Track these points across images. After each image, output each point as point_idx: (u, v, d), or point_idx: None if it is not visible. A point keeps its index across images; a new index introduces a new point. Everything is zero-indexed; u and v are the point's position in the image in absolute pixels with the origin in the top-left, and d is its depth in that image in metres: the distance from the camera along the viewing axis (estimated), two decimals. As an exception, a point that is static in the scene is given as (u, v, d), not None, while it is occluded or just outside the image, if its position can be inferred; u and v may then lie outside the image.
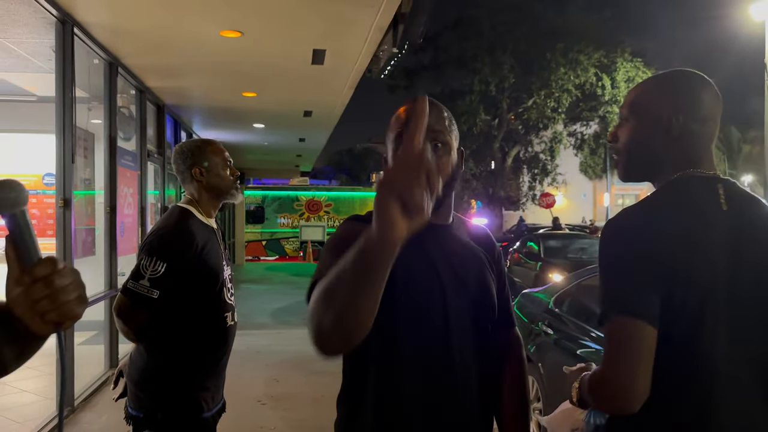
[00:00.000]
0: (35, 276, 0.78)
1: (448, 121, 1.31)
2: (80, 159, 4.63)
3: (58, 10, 4.09)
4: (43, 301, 0.79)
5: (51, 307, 0.79)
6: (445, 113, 1.31)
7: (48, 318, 0.80)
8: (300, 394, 4.91)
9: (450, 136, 1.30)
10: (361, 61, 5.62)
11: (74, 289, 0.81)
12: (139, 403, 2.01)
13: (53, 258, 0.80)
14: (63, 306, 0.80)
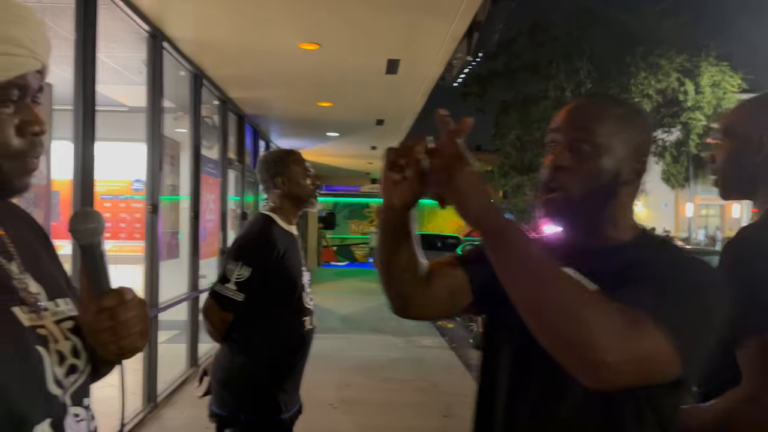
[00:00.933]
0: (101, 306, 0.80)
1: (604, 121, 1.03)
2: (167, 166, 4.88)
3: (149, 26, 4.34)
4: (106, 332, 0.80)
5: (111, 339, 0.80)
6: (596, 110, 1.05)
7: (109, 349, 0.81)
8: (371, 399, 4.96)
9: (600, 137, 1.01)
10: (434, 69, 5.65)
11: (136, 323, 0.82)
12: (223, 402, 2.10)
13: (121, 290, 0.81)
14: (123, 339, 0.81)
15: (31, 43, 0.75)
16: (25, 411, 0.72)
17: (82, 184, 3.34)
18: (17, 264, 0.81)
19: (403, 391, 5.25)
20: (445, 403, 4.96)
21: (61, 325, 0.83)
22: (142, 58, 4.60)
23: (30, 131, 0.76)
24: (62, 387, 0.79)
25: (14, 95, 0.74)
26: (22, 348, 0.74)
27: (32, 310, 0.78)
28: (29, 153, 0.77)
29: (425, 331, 8.09)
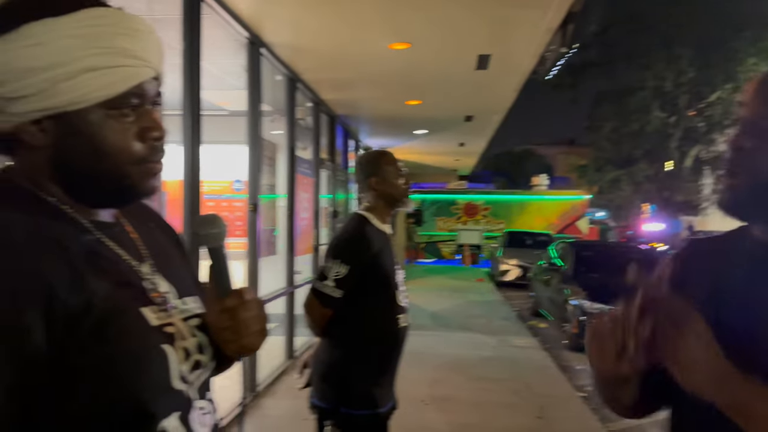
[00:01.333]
0: (223, 306, 0.84)
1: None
2: (265, 167, 5.10)
3: (249, 33, 4.55)
4: (227, 330, 0.84)
5: (232, 338, 0.85)
6: None
7: (230, 347, 0.86)
8: (462, 397, 4.95)
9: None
10: (527, 63, 5.54)
11: (255, 323, 0.86)
12: (323, 395, 2.17)
13: (242, 291, 0.86)
14: (244, 338, 0.85)
15: (144, 53, 0.78)
16: (152, 406, 0.76)
17: (191, 185, 3.56)
18: (149, 265, 0.85)
19: (495, 390, 5.20)
20: (538, 404, 4.87)
21: (189, 322, 0.86)
22: (242, 64, 4.83)
23: (150, 137, 0.80)
24: (187, 382, 0.82)
25: (133, 103, 0.78)
26: (149, 347, 0.78)
27: (161, 309, 0.82)
28: (151, 157, 0.81)
29: (517, 331, 7.97)
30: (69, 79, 0.73)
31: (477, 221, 19.24)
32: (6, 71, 0.72)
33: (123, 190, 0.81)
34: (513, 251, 13.66)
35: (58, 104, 0.73)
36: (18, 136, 0.75)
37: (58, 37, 0.72)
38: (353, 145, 10.19)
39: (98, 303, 0.72)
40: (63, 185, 0.78)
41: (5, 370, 0.65)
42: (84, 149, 0.76)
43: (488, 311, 9.48)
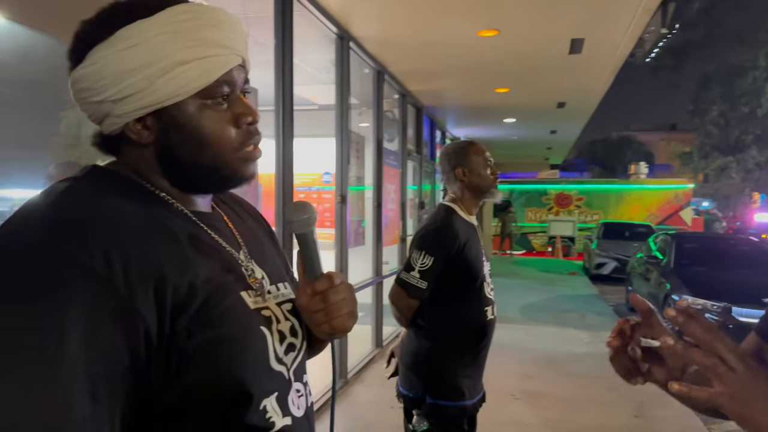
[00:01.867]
0: (315, 290, 0.88)
1: None
2: (353, 159, 5.18)
3: (337, 28, 4.63)
4: (319, 313, 0.88)
5: (324, 320, 0.88)
6: None
7: (321, 329, 0.89)
8: (554, 393, 4.83)
9: None
10: (623, 46, 5.27)
11: (346, 305, 0.89)
12: (410, 384, 2.19)
13: (331, 274, 0.89)
14: (334, 320, 0.88)
15: (229, 41, 0.81)
16: (254, 386, 0.79)
17: (284, 178, 3.68)
18: (244, 252, 0.89)
19: (589, 387, 5.03)
20: (635, 402, 4.66)
21: (282, 306, 0.90)
22: (331, 59, 4.93)
23: (244, 122, 0.83)
24: (283, 364, 0.86)
25: (225, 92, 0.81)
26: (250, 329, 0.81)
27: (258, 293, 0.86)
28: (247, 142, 0.84)
29: (612, 327, 7.62)
30: (164, 74, 0.77)
31: (570, 212, 18.59)
32: (108, 75, 0.76)
33: (226, 176, 0.84)
34: (609, 243, 13.11)
35: (157, 100, 0.78)
36: (125, 136, 0.81)
37: (150, 36, 0.76)
38: (440, 135, 10.13)
39: (202, 287, 0.76)
40: (169, 177, 0.83)
41: (123, 352, 0.69)
42: (186, 140, 0.80)
43: (581, 306, 9.16)
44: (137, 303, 0.69)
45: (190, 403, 0.74)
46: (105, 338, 0.67)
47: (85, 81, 0.78)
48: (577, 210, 18.55)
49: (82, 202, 0.74)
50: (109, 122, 0.80)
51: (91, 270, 0.67)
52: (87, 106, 0.80)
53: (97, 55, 0.76)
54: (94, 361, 0.66)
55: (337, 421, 3.20)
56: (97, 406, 0.66)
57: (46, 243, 0.67)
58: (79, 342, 0.65)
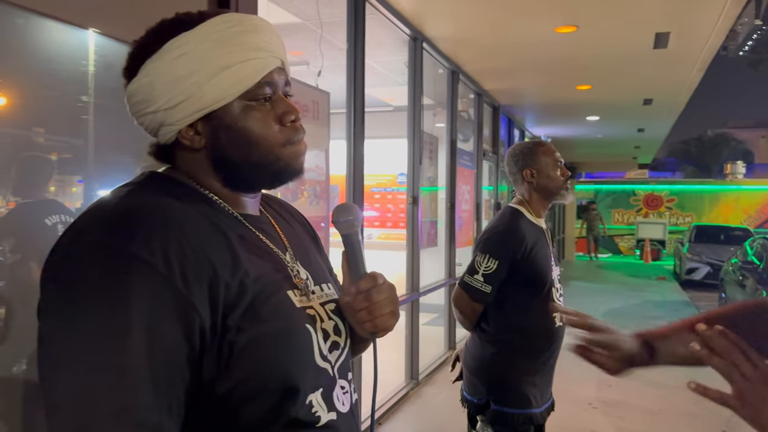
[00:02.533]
0: (359, 289, 0.91)
1: None
2: (426, 160, 5.18)
3: (410, 30, 4.64)
4: (363, 311, 0.91)
5: (367, 318, 0.91)
6: None
7: (364, 327, 0.92)
8: (635, 403, 4.62)
9: None
10: (713, 39, 4.96)
11: (388, 304, 0.91)
12: (474, 389, 2.16)
13: (375, 274, 0.92)
14: (377, 318, 0.91)
15: (268, 45, 0.86)
16: (300, 381, 0.82)
17: (354, 179, 3.73)
18: (290, 254, 0.94)
19: (674, 398, 4.77)
20: (724, 416, 4.37)
21: (325, 306, 0.94)
22: (404, 60, 4.95)
23: (287, 119, 0.88)
24: (327, 361, 0.89)
25: (267, 93, 0.86)
26: (296, 326, 0.85)
27: (303, 293, 0.90)
28: (293, 138, 0.89)
29: (702, 334, 7.21)
30: (211, 78, 0.82)
31: (660, 214, 17.70)
32: (160, 85, 0.83)
33: (278, 171, 0.89)
34: (701, 247, 12.38)
35: (206, 104, 0.83)
36: (179, 142, 0.86)
37: (195, 45, 0.82)
38: (518, 134, 9.93)
39: (251, 285, 0.80)
40: (222, 177, 0.88)
41: (182, 344, 0.73)
42: (235, 140, 0.85)
43: (670, 313, 8.70)
44: (193, 298, 0.73)
45: (240, 395, 0.77)
46: (167, 330, 0.71)
47: (139, 94, 0.84)
48: (668, 212, 17.65)
49: (141, 203, 0.78)
50: (164, 131, 0.86)
51: (152, 266, 0.71)
52: (143, 119, 0.87)
53: (149, 67, 0.83)
54: (157, 351, 0.70)
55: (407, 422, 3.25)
56: (158, 394, 0.70)
57: (109, 241, 0.72)
58: (143, 333, 0.69)
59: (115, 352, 0.68)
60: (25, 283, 1.86)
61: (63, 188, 2.20)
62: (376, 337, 0.94)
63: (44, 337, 0.72)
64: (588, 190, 18.38)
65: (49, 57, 1.84)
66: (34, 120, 1.91)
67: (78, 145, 2.13)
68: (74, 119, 2.04)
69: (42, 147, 2.01)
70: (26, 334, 1.84)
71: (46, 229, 1.97)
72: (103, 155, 2.15)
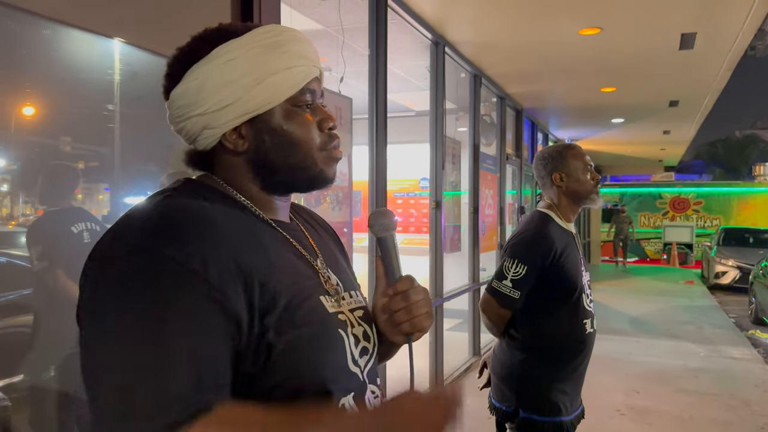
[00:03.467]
0: (396, 290, 0.93)
1: None
2: (449, 165, 5.15)
3: (432, 34, 4.63)
4: (400, 312, 0.92)
5: (405, 318, 0.92)
6: None
7: (402, 328, 0.93)
8: (663, 410, 4.52)
9: None
10: (741, 39, 4.86)
11: (425, 305, 0.94)
12: (502, 396, 2.13)
13: (411, 276, 0.94)
14: (415, 318, 0.92)
15: (309, 54, 0.90)
16: (334, 384, 0.83)
17: (377, 184, 3.72)
18: (321, 261, 0.95)
19: (704, 405, 4.66)
20: (758, 425, 4.26)
21: (354, 313, 0.94)
22: (426, 65, 4.93)
23: (326, 126, 0.91)
24: (358, 366, 0.90)
25: (308, 100, 0.90)
26: (330, 330, 0.86)
27: (334, 299, 0.91)
28: (329, 144, 0.92)
29: (733, 341, 7.05)
30: (259, 83, 0.85)
31: (687, 217, 17.39)
32: (209, 87, 0.85)
33: (313, 177, 0.91)
34: (730, 250, 12.13)
35: (253, 107, 0.86)
36: (223, 145, 0.88)
37: (244, 51, 0.85)
38: (542, 138, 9.84)
39: (285, 289, 0.81)
40: (260, 180, 0.90)
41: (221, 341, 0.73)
42: (279, 143, 0.88)
43: (698, 317, 8.52)
44: (230, 295, 0.74)
45: (281, 394, 0.78)
46: (204, 320, 0.72)
47: (185, 97, 0.86)
48: (695, 215, 17.36)
49: (178, 208, 0.80)
50: (206, 135, 0.88)
51: (189, 268, 0.72)
52: (185, 122, 0.88)
53: (198, 71, 0.85)
54: (198, 345, 0.71)
55: (430, 429, 3.13)
56: (201, 390, 0.70)
57: (146, 244, 0.74)
58: (182, 322, 0.71)
59: (157, 341, 0.69)
60: (52, 290, 1.88)
61: (90, 196, 2.22)
62: (412, 340, 0.94)
63: (87, 338, 0.73)
64: (613, 194, 18.14)
65: (76, 66, 1.86)
66: (61, 129, 1.94)
67: (104, 153, 2.16)
68: (101, 128, 2.06)
69: (69, 156, 2.03)
70: (53, 342, 1.85)
71: (72, 237, 2.00)
72: (128, 163, 2.17)
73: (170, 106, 0.88)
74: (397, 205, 7.19)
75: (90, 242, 1.95)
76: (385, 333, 0.96)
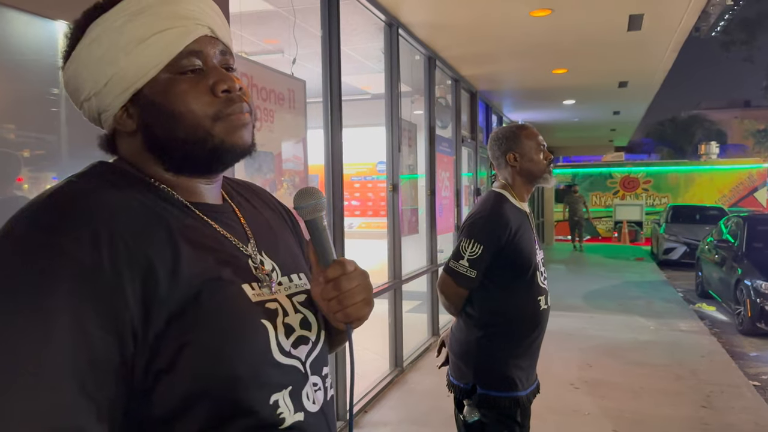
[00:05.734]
0: (326, 277, 0.85)
1: None
2: (405, 148, 5.16)
3: (386, 15, 4.60)
4: (332, 301, 0.85)
5: (338, 308, 0.85)
6: None
7: (336, 317, 0.86)
8: (616, 383, 4.68)
9: None
10: (686, 20, 5.00)
11: (360, 292, 0.85)
12: (460, 374, 2.16)
13: (342, 261, 0.86)
14: (348, 308, 0.85)
15: (191, 13, 0.81)
16: (253, 382, 0.77)
17: (333, 168, 3.70)
18: (252, 245, 0.88)
19: (654, 376, 4.85)
20: (704, 393, 4.46)
21: (293, 298, 0.88)
22: (380, 47, 4.90)
23: (219, 89, 0.80)
24: (293, 357, 0.83)
25: (196, 64, 0.80)
26: (248, 322, 0.79)
27: (265, 285, 0.84)
28: (227, 110, 0.81)
29: (681, 314, 7.34)
30: (127, 54, 0.78)
31: (637, 195, 17.93)
32: (83, 70, 0.80)
33: (214, 149, 0.81)
34: (678, 227, 12.59)
35: (130, 81, 0.79)
36: (117, 129, 0.83)
37: (110, 24, 0.78)
38: (496, 120, 9.95)
39: (193, 279, 0.75)
40: (161, 161, 0.82)
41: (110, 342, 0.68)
42: (159, 116, 0.80)
43: (648, 292, 8.84)
44: (124, 292, 0.69)
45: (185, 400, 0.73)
46: (92, 328, 0.66)
47: (70, 84, 0.82)
48: (645, 193, 17.89)
49: (73, 194, 0.74)
50: (104, 118, 0.83)
51: (78, 259, 0.67)
52: (82, 110, 0.84)
53: (73, 56, 0.80)
54: (81, 350, 0.65)
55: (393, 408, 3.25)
56: (82, 396, 0.65)
57: (34, 235, 0.68)
58: (65, 332, 0.65)
59: (32, 352, 0.63)
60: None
61: (36, 185, 2.14)
62: (351, 328, 0.87)
63: None
64: (565, 174, 18.52)
65: (15, 49, 1.77)
66: (2, 116, 1.85)
67: (51, 140, 2.07)
68: (45, 113, 1.97)
69: (13, 143, 1.95)
70: None
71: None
72: (78, 150, 2.08)
73: (66, 93, 0.84)
74: (354, 188, 7.18)
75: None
76: (329, 320, 0.89)
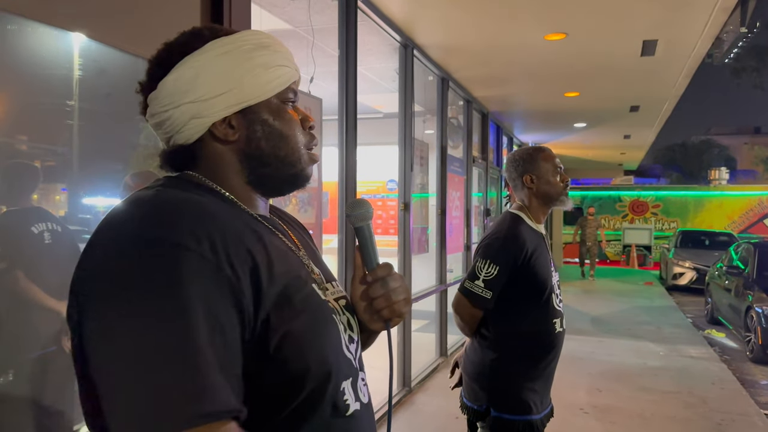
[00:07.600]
0: (375, 277, 0.96)
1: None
2: (417, 167, 5.17)
3: (401, 36, 4.64)
4: (380, 299, 0.95)
5: (385, 305, 0.95)
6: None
7: (381, 314, 0.96)
8: (625, 408, 4.62)
9: None
10: (699, 47, 5.02)
11: (402, 291, 0.97)
12: (474, 395, 2.14)
13: (389, 264, 0.97)
14: (394, 305, 0.95)
15: (291, 60, 0.95)
16: (335, 367, 0.85)
17: (346, 185, 3.71)
18: (303, 253, 0.97)
19: (664, 403, 4.79)
20: (715, 421, 4.40)
21: (339, 302, 0.96)
22: (395, 67, 4.94)
23: (307, 125, 0.95)
24: (350, 352, 0.92)
25: (293, 98, 0.93)
26: (326, 315, 0.88)
27: (321, 288, 0.92)
28: (310, 144, 0.95)
29: (691, 340, 7.26)
30: (252, 75, 0.88)
31: (646, 219, 17.85)
32: (203, 75, 0.86)
33: (297, 173, 0.93)
34: (687, 252, 12.50)
35: (246, 98, 0.88)
36: (211, 136, 0.88)
37: (237, 46, 0.89)
38: (506, 141, 9.97)
39: (283, 276, 0.82)
40: (248, 173, 0.90)
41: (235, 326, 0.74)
42: (270, 134, 0.90)
43: (657, 317, 8.76)
44: (241, 283, 0.75)
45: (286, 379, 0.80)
46: (221, 313, 0.72)
47: (177, 85, 0.86)
48: (654, 217, 17.81)
49: (175, 198, 0.79)
50: (193, 124, 0.87)
51: (200, 254, 0.72)
52: (172, 112, 0.87)
53: (192, 60, 0.87)
54: (216, 334, 0.71)
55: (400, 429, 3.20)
56: (224, 376, 0.70)
57: (152, 234, 0.72)
58: (201, 318, 0.69)
59: (179, 339, 0.68)
60: (11, 292, 1.81)
61: (46, 196, 2.15)
62: (390, 326, 0.96)
63: (94, 338, 0.70)
64: (574, 197, 18.48)
65: (33, 61, 1.80)
66: (16, 127, 1.87)
67: (62, 152, 2.09)
68: (59, 125, 2.00)
69: (25, 155, 1.96)
70: (11, 344, 1.79)
71: (32, 238, 1.93)
72: (89, 162, 2.10)
73: (155, 96, 0.87)
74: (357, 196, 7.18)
75: (51, 243, 1.89)
76: (364, 321, 0.98)
